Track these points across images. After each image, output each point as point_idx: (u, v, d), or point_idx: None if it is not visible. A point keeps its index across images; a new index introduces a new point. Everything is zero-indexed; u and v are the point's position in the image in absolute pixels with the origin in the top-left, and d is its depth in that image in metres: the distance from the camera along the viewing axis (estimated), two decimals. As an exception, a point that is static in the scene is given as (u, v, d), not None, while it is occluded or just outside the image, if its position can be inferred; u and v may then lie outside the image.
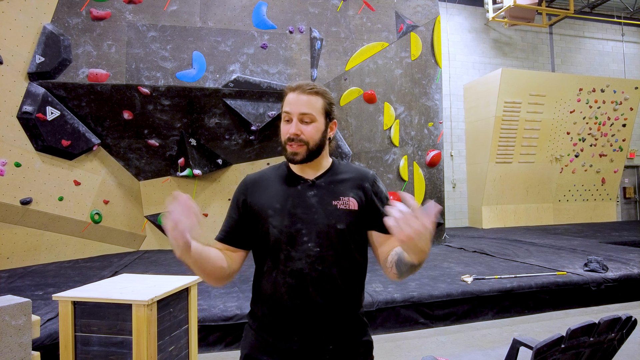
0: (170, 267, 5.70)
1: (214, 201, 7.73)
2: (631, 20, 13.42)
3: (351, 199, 1.27)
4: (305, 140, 1.25)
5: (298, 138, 1.24)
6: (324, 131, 1.29)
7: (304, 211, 1.24)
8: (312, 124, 1.26)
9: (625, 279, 4.60)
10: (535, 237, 8.14)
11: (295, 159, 1.26)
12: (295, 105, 1.25)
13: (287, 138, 1.25)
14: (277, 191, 1.28)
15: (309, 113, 1.25)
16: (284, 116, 1.28)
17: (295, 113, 1.25)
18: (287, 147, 1.26)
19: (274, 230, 1.23)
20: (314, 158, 1.28)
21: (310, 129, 1.25)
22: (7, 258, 5.63)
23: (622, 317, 1.60)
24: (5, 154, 5.55)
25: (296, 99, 1.25)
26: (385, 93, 7.44)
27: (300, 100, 1.25)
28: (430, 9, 7.81)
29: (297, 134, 1.24)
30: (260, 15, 6.79)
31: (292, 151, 1.25)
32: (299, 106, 1.25)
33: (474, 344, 3.49)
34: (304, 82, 1.31)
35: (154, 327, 2.09)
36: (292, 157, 1.26)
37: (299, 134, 1.24)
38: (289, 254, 1.22)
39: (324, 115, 1.28)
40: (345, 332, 1.25)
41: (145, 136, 6.82)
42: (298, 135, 1.24)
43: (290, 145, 1.25)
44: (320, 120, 1.27)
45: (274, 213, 1.24)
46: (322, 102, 1.28)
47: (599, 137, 11.30)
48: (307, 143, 1.25)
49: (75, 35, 6.07)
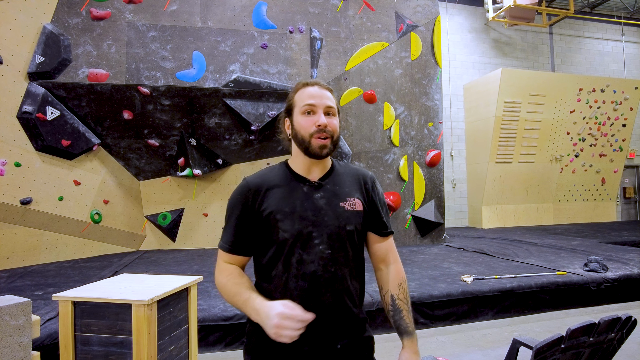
0: (170, 267, 5.70)
1: (214, 201, 7.73)
2: (631, 20, 13.42)
3: (357, 200, 1.28)
4: (331, 133, 1.24)
5: (327, 129, 1.23)
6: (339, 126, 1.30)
7: (314, 213, 1.23)
8: (335, 117, 1.27)
9: (625, 279, 4.60)
10: (535, 237, 8.14)
11: (322, 152, 1.23)
12: (320, 98, 1.24)
13: (316, 130, 1.22)
14: (283, 194, 1.25)
15: (333, 107, 1.25)
16: (304, 109, 1.24)
17: (322, 105, 1.24)
18: (315, 140, 1.22)
19: (285, 234, 1.21)
20: (332, 153, 1.29)
21: (335, 122, 1.26)
22: (7, 258, 5.63)
23: (622, 317, 1.60)
24: (5, 154, 5.55)
25: (320, 93, 1.25)
26: (385, 93, 7.44)
27: (324, 94, 1.25)
28: (430, 8, 7.81)
29: (327, 124, 1.23)
30: (260, 15, 6.79)
31: (321, 144, 1.22)
32: (324, 99, 1.24)
33: (474, 344, 3.49)
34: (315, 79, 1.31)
35: (154, 327, 2.09)
36: (319, 151, 1.23)
37: (327, 126, 1.23)
38: (301, 257, 1.21)
39: (337, 112, 1.30)
40: (350, 330, 1.26)
41: (145, 136, 6.82)
42: (327, 126, 1.22)
43: (319, 138, 1.22)
44: (337, 116, 1.28)
45: (283, 217, 1.22)
46: (336, 99, 1.30)
47: (599, 137, 11.30)
48: (332, 136, 1.25)
49: (75, 35, 6.07)
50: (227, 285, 1.23)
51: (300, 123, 1.24)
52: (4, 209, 5.52)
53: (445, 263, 5.55)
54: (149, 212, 7.47)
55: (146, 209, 7.47)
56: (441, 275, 4.75)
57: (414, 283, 4.34)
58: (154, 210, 7.49)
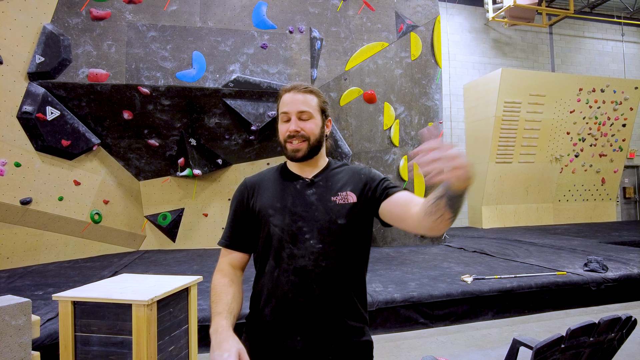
0: (170, 267, 5.70)
1: (214, 201, 7.73)
2: (631, 20, 13.42)
3: (349, 193, 1.28)
4: (306, 136, 1.26)
5: (299, 134, 1.26)
6: (322, 127, 1.31)
7: (304, 209, 1.25)
8: (311, 120, 1.28)
9: (625, 279, 4.60)
10: (535, 237, 8.14)
11: (297, 155, 1.27)
12: (293, 104, 1.27)
13: (287, 136, 1.26)
14: (276, 191, 1.29)
15: (306, 110, 1.27)
16: (281, 117, 1.29)
17: (294, 112, 1.26)
18: (287, 145, 1.27)
19: (276, 229, 1.24)
20: (314, 155, 1.30)
21: (310, 125, 1.27)
22: (7, 258, 5.63)
23: (622, 317, 1.60)
24: (5, 154, 5.55)
25: (292, 99, 1.27)
26: (385, 93, 7.44)
27: (297, 99, 1.27)
28: (430, 8, 7.81)
29: (297, 130, 1.26)
30: (260, 15, 6.79)
31: (293, 148, 1.26)
32: (296, 105, 1.27)
33: (474, 344, 3.49)
34: (297, 83, 1.33)
35: (154, 327, 2.09)
36: (293, 155, 1.27)
37: (299, 130, 1.26)
38: (292, 252, 1.22)
39: (320, 113, 1.31)
40: (347, 331, 1.24)
41: (145, 136, 6.82)
42: (298, 131, 1.26)
43: (291, 143, 1.26)
44: (317, 117, 1.29)
45: (274, 212, 1.25)
46: (317, 100, 1.31)
47: (599, 137, 11.30)
48: (308, 139, 1.27)
49: (75, 35, 6.07)
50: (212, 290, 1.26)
51: (279, 130, 1.30)
52: (4, 209, 5.52)
53: (445, 263, 5.55)
54: (149, 212, 7.47)
55: (146, 209, 7.47)
56: (441, 275, 4.75)
57: (414, 283, 4.35)
58: (154, 210, 7.49)
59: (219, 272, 1.30)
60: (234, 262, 1.32)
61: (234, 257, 1.32)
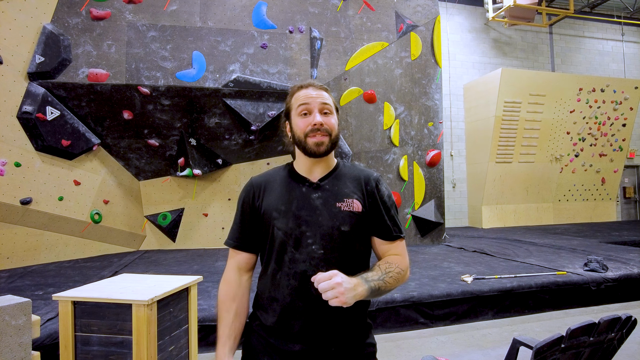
0: (170, 267, 5.70)
1: (214, 201, 7.73)
2: (631, 20, 13.42)
3: (355, 201, 1.26)
4: (328, 130, 1.24)
5: (323, 127, 1.23)
6: (339, 125, 1.30)
7: (309, 213, 1.23)
8: (332, 115, 1.27)
9: (625, 278, 4.60)
10: (535, 237, 8.14)
11: (320, 150, 1.23)
12: (315, 98, 1.25)
13: (311, 129, 1.23)
14: (281, 193, 1.27)
15: (329, 104, 1.26)
16: (300, 110, 1.25)
17: (317, 104, 1.24)
18: (309, 139, 1.23)
19: (279, 232, 1.23)
20: (331, 151, 1.28)
21: (332, 120, 1.26)
22: (7, 258, 5.63)
23: (622, 316, 1.60)
24: (5, 154, 5.55)
25: (314, 93, 1.26)
26: (385, 93, 7.44)
27: (319, 94, 1.26)
28: (430, 8, 7.81)
29: (322, 123, 1.23)
30: (260, 15, 6.79)
31: (317, 141, 1.22)
32: (319, 98, 1.25)
33: (474, 343, 3.49)
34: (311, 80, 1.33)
35: (154, 327, 2.09)
36: (316, 149, 1.23)
37: (324, 124, 1.23)
38: (294, 256, 1.21)
39: (336, 110, 1.30)
40: (348, 335, 1.24)
41: (145, 136, 6.82)
42: (323, 124, 1.23)
43: (314, 136, 1.22)
44: (334, 114, 1.29)
45: (278, 215, 1.24)
46: (332, 98, 1.30)
47: (599, 137, 11.30)
48: (330, 133, 1.25)
49: (75, 35, 6.07)
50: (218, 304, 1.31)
51: (298, 124, 1.26)
52: (4, 209, 5.52)
53: (445, 263, 5.55)
54: (149, 212, 7.47)
55: (146, 209, 7.47)
56: (441, 275, 4.75)
57: (414, 283, 4.35)
58: (154, 210, 7.48)
59: (225, 282, 1.31)
60: (242, 263, 1.32)
61: (241, 258, 1.32)
